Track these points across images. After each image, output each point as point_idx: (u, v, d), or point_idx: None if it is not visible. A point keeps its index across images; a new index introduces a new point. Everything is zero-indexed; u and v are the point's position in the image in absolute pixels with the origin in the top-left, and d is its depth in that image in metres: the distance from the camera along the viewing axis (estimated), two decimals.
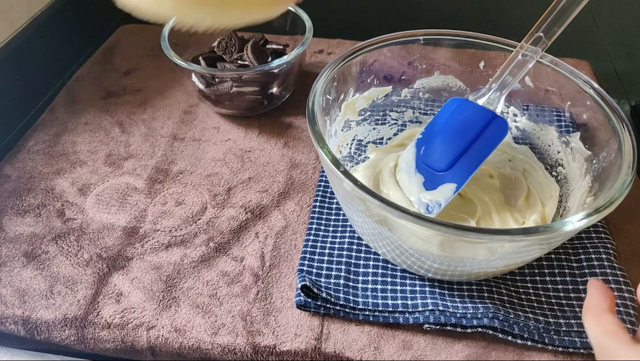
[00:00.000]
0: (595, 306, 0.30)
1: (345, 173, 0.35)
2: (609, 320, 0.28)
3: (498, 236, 0.32)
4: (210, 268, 0.44)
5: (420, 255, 0.38)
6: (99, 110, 0.60)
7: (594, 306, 0.30)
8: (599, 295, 0.30)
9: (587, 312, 0.30)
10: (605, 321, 0.28)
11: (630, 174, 0.36)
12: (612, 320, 0.28)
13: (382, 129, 0.53)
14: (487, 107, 0.44)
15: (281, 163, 0.53)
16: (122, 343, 0.40)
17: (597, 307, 0.30)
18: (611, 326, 0.28)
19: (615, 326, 0.28)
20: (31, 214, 0.48)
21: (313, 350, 0.38)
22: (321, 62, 0.67)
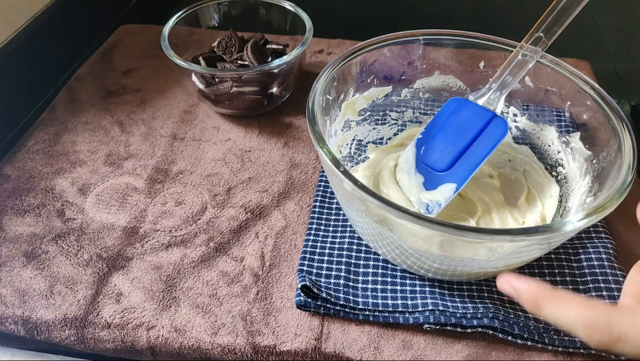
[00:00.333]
0: (557, 293, 0.28)
1: (345, 173, 0.35)
2: (592, 300, 0.27)
3: (498, 236, 0.32)
4: (210, 268, 0.44)
5: (420, 255, 0.38)
6: (99, 109, 0.60)
7: (555, 294, 0.27)
8: (533, 285, 0.28)
9: (560, 303, 0.27)
10: (592, 301, 0.27)
11: (630, 174, 0.36)
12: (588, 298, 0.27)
13: (382, 129, 0.53)
14: (487, 107, 0.44)
15: (281, 163, 0.53)
16: (122, 343, 0.40)
17: (560, 294, 0.27)
18: (599, 302, 0.27)
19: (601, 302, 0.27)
20: (31, 214, 0.48)
21: (313, 350, 0.38)
22: (321, 62, 0.67)
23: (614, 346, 0.25)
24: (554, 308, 0.27)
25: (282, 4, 0.61)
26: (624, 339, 0.24)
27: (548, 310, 0.27)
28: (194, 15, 0.61)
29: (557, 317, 0.27)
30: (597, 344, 0.25)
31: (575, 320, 0.26)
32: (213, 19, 0.63)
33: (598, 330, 0.25)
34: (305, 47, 0.55)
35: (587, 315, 0.25)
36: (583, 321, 0.25)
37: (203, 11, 0.62)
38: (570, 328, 0.26)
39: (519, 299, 0.29)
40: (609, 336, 0.25)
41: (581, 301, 0.26)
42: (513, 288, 0.29)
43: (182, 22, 0.59)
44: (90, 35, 0.74)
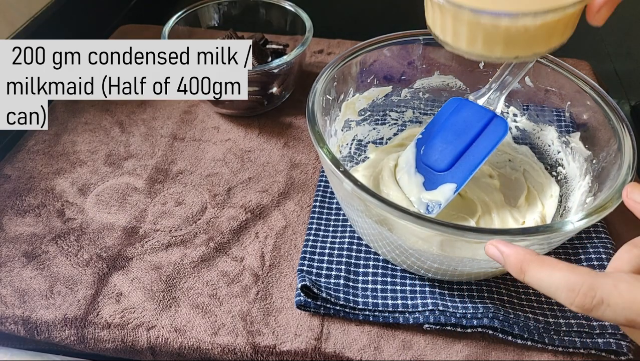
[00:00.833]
0: (542, 258, 0.27)
1: (345, 173, 0.35)
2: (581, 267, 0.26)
3: (498, 236, 0.32)
4: (210, 268, 0.44)
5: (420, 255, 0.38)
6: (99, 110, 0.60)
7: (540, 258, 0.27)
8: (520, 250, 0.28)
9: (544, 267, 0.26)
10: (577, 266, 0.26)
11: (630, 174, 0.36)
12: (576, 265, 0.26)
13: (382, 129, 0.53)
14: (487, 107, 0.44)
15: (281, 163, 0.53)
16: (122, 343, 0.40)
17: (546, 258, 0.27)
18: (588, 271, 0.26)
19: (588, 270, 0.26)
20: (31, 214, 0.48)
21: (313, 350, 0.38)
22: (321, 62, 0.67)
23: (595, 310, 0.25)
24: (538, 272, 0.27)
25: (282, 4, 0.61)
26: (605, 303, 0.24)
27: (532, 273, 0.27)
28: (194, 15, 0.61)
29: (541, 280, 0.26)
30: (579, 307, 0.25)
31: (558, 283, 0.26)
32: (213, 19, 0.63)
33: (580, 293, 0.25)
34: (305, 47, 0.55)
35: (570, 278, 0.25)
36: (565, 284, 0.25)
37: (203, 11, 0.62)
38: (552, 291, 0.26)
39: (505, 263, 0.29)
40: (591, 300, 0.24)
41: (566, 266, 0.26)
42: (500, 252, 0.29)
43: (182, 22, 0.59)
44: (91, 35, 0.74)
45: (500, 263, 0.29)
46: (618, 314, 0.24)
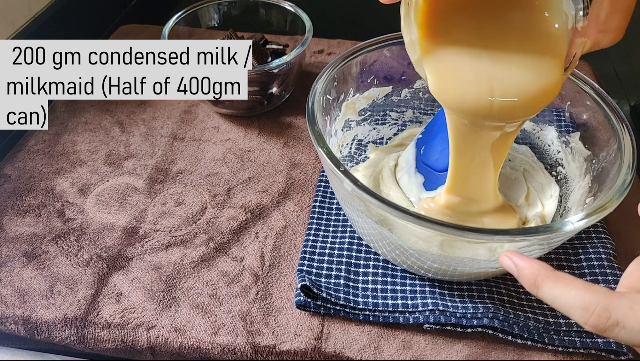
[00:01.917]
0: (557, 274, 0.27)
1: (345, 173, 0.35)
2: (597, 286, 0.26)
3: (498, 236, 0.32)
4: (210, 268, 0.44)
5: (420, 255, 0.38)
6: (99, 110, 0.60)
7: (556, 274, 0.27)
8: (535, 264, 0.28)
9: (559, 284, 0.26)
10: (592, 285, 0.26)
11: (630, 174, 0.36)
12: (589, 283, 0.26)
13: (382, 129, 0.53)
14: None
15: (281, 163, 0.53)
16: (122, 343, 0.40)
17: (561, 275, 0.27)
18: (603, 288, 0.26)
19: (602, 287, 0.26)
20: (31, 214, 0.48)
21: (313, 350, 0.38)
22: (321, 62, 0.67)
23: (610, 331, 0.24)
24: (552, 288, 0.26)
25: (282, 4, 0.61)
26: (621, 324, 0.24)
27: (546, 289, 0.27)
28: (194, 15, 0.61)
29: (555, 297, 0.26)
30: (593, 327, 0.25)
31: (572, 302, 0.25)
32: (213, 19, 0.63)
33: (595, 313, 0.25)
34: (305, 47, 0.55)
35: (586, 297, 0.25)
36: (581, 303, 0.25)
37: (203, 11, 0.62)
38: (567, 309, 0.26)
39: (519, 276, 0.28)
40: (606, 321, 0.24)
41: (581, 284, 0.26)
42: (514, 264, 0.29)
43: (182, 22, 0.59)
44: (91, 35, 0.74)
45: (513, 275, 0.29)
46: (633, 336, 0.24)
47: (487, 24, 0.33)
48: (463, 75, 0.34)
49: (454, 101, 0.35)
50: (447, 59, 0.34)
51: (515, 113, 0.35)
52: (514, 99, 0.34)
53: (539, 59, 0.33)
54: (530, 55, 0.33)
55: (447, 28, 0.33)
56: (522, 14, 0.32)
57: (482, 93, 0.34)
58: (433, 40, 0.33)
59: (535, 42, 0.33)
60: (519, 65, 0.33)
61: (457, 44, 0.33)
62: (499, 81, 0.33)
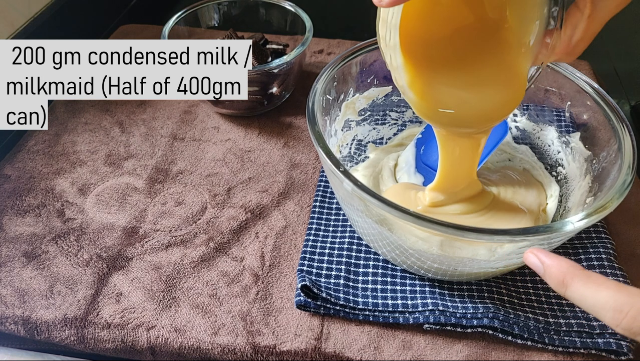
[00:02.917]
0: (588, 273, 0.26)
1: (345, 173, 0.35)
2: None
3: (498, 236, 0.32)
4: (210, 268, 0.44)
5: (420, 255, 0.38)
6: (99, 110, 0.60)
7: (586, 273, 0.26)
8: (563, 262, 0.27)
9: (590, 283, 0.25)
10: (626, 286, 0.25)
11: (630, 174, 0.36)
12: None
13: (382, 129, 0.53)
14: None
15: (281, 163, 0.53)
16: (122, 343, 0.40)
17: (591, 274, 0.26)
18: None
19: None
20: (31, 214, 0.48)
21: (313, 350, 0.38)
22: (321, 62, 0.67)
23: None
24: (582, 288, 0.26)
25: (282, 4, 0.61)
26: None
27: (575, 289, 0.26)
28: (194, 15, 0.61)
29: (585, 297, 0.25)
30: (626, 330, 0.24)
31: (604, 303, 0.24)
32: (213, 19, 0.63)
33: (629, 315, 0.23)
34: (305, 47, 0.55)
35: (619, 298, 0.24)
36: (613, 304, 0.24)
37: (203, 11, 0.62)
38: (597, 310, 0.25)
39: (545, 274, 0.28)
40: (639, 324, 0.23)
41: (614, 284, 0.25)
42: (540, 261, 0.28)
43: (182, 22, 0.59)
44: (91, 35, 0.74)
45: (538, 273, 0.28)
46: None
47: (462, 51, 0.35)
48: (443, 98, 0.36)
49: (438, 119, 0.38)
50: (429, 81, 0.35)
51: (487, 123, 0.38)
52: (486, 114, 0.37)
53: (506, 78, 0.35)
54: (497, 74, 0.35)
55: (427, 52, 0.34)
56: (493, 45, 0.34)
57: (459, 113, 0.37)
58: (414, 62, 0.34)
59: (502, 65, 0.35)
60: (489, 83, 0.35)
61: (437, 67, 0.35)
62: (473, 101, 0.36)
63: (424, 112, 0.37)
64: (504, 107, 0.37)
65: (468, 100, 0.36)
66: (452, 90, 0.35)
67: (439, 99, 0.36)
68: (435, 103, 0.36)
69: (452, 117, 0.37)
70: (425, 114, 0.37)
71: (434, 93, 0.35)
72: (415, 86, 0.35)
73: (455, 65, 0.34)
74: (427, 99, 0.36)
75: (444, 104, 0.36)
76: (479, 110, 0.36)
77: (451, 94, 0.36)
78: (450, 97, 0.36)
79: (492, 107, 0.36)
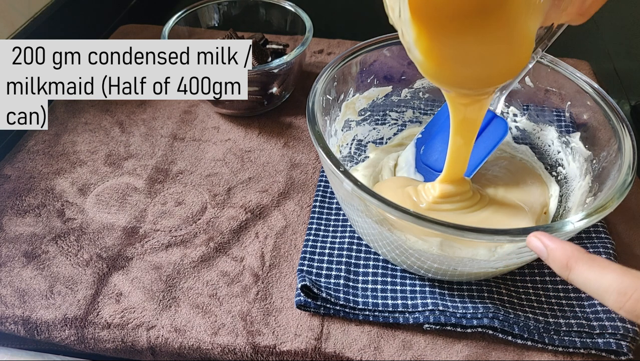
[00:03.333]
0: (592, 256, 0.26)
1: (345, 173, 0.35)
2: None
3: (498, 236, 0.32)
4: (210, 268, 0.44)
5: (420, 255, 0.38)
6: (99, 110, 0.60)
7: (590, 256, 0.26)
8: (567, 245, 0.27)
9: (594, 266, 0.25)
10: (630, 269, 0.25)
11: (630, 174, 0.36)
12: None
13: (382, 129, 0.53)
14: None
15: (281, 163, 0.53)
16: (122, 343, 0.40)
17: (596, 257, 0.26)
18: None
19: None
20: (31, 214, 0.48)
21: (313, 350, 0.38)
22: (321, 62, 0.67)
23: None
24: (586, 271, 0.25)
25: (282, 4, 0.61)
26: None
27: (579, 271, 0.26)
28: (194, 15, 0.61)
29: (588, 280, 0.25)
30: (628, 312, 0.24)
31: (608, 286, 0.24)
32: (213, 19, 0.63)
33: (632, 298, 0.23)
34: (305, 47, 0.55)
35: (623, 281, 0.24)
36: (617, 287, 0.24)
37: (203, 11, 0.62)
38: (601, 293, 0.25)
39: (549, 257, 0.27)
40: None
41: (618, 267, 0.25)
42: (544, 245, 0.28)
43: (182, 22, 0.59)
44: (90, 35, 0.74)
45: (541, 257, 0.28)
46: None
47: (468, 4, 0.33)
48: (447, 57, 0.35)
49: (442, 79, 0.37)
50: (440, 41, 0.34)
51: (490, 83, 0.37)
52: (489, 75, 0.36)
53: (511, 35, 0.34)
54: (502, 31, 0.33)
55: (433, 4, 0.33)
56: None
57: (462, 72, 0.35)
58: (420, 17, 0.33)
59: (508, 22, 0.33)
60: (494, 41, 0.34)
61: (442, 23, 0.34)
62: (477, 60, 0.35)
63: (428, 71, 0.36)
64: (509, 66, 0.35)
65: (472, 59, 0.34)
66: (456, 47, 0.34)
67: (443, 58, 0.34)
68: (439, 62, 0.34)
69: (456, 77, 0.35)
70: (430, 74, 0.36)
71: (439, 51, 0.34)
72: (420, 43, 0.34)
73: (461, 20, 0.32)
74: (432, 57, 0.34)
75: (448, 64, 0.35)
76: (483, 70, 0.35)
77: (455, 51, 0.34)
78: (454, 55, 0.34)
79: (496, 66, 0.35)
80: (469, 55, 0.34)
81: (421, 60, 0.35)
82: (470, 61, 0.34)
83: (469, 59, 0.34)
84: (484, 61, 0.34)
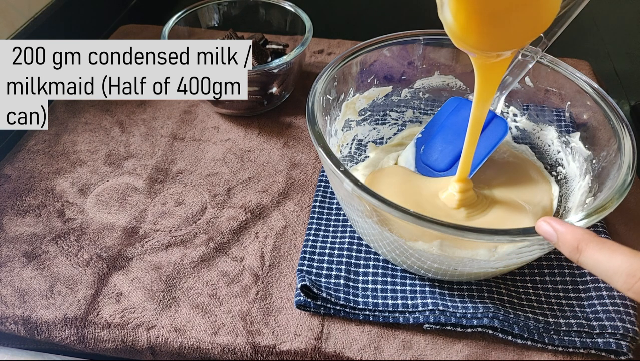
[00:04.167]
0: (603, 239, 0.26)
1: (345, 173, 0.35)
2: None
3: (498, 236, 0.32)
4: (210, 268, 0.44)
5: (420, 255, 0.38)
6: (99, 110, 0.60)
7: (601, 239, 0.26)
8: (577, 228, 0.27)
9: (605, 248, 0.26)
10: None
11: (630, 174, 0.36)
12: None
13: (382, 129, 0.53)
14: None
15: (281, 163, 0.53)
16: (122, 343, 0.40)
17: (606, 240, 0.26)
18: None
19: None
20: (31, 214, 0.48)
21: (313, 350, 0.38)
22: (321, 62, 0.67)
23: None
24: (597, 253, 0.26)
25: (282, 4, 0.61)
26: None
27: (589, 254, 0.26)
28: (194, 15, 0.61)
29: (598, 262, 0.26)
30: (637, 294, 0.24)
31: (617, 267, 0.25)
32: (213, 19, 0.63)
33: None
34: (305, 47, 0.55)
35: (633, 262, 0.24)
36: (627, 269, 0.24)
37: (203, 11, 0.62)
38: (610, 275, 0.25)
39: (559, 241, 0.28)
40: None
41: (628, 250, 0.25)
42: (554, 229, 0.28)
43: (182, 22, 0.59)
44: (91, 35, 0.74)
45: (551, 241, 0.28)
46: None
47: None
48: (485, 19, 0.34)
49: (476, 42, 0.36)
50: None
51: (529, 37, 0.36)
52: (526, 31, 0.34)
53: None
54: None
55: None
56: None
57: (501, 32, 0.34)
58: None
59: None
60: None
61: None
62: (514, 19, 0.33)
63: (456, 33, 0.35)
64: (540, 19, 0.34)
65: (500, 17, 0.33)
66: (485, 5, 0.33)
67: (475, 12, 0.33)
68: (467, 22, 0.34)
69: (485, 37, 0.35)
70: (456, 35, 0.35)
71: (467, 11, 0.33)
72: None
73: None
74: (460, 17, 0.34)
75: (478, 18, 0.34)
76: (512, 27, 0.34)
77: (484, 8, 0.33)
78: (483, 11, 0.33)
79: (527, 20, 0.34)
80: (497, 11, 0.33)
81: (450, 22, 0.34)
82: (498, 18, 0.33)
83: (496, 15, 0.33)
84: (516, 11, 0.33)
